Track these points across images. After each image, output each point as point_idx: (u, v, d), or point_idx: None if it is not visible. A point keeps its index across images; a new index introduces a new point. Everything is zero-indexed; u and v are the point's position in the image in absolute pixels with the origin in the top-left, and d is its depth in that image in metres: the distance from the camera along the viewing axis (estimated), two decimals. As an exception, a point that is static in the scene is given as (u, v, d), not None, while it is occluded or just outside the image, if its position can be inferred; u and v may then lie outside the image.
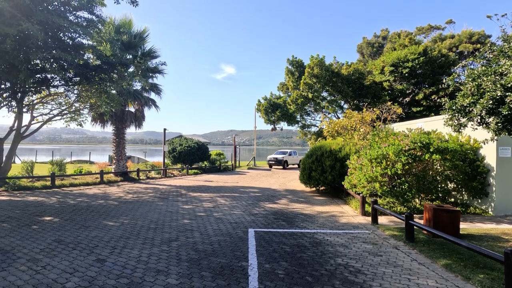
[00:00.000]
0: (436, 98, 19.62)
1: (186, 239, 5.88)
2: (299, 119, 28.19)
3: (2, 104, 11.62)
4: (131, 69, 16.04)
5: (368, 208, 8.51)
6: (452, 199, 9.75)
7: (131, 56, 16.22)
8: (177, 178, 18.34)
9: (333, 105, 25.27)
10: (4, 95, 11.69)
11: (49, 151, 53.28)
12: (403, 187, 8.16)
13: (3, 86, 11.53)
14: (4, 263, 4.46)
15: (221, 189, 13.38)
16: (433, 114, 19.63)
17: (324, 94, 24.99)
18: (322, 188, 13.03)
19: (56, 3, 8.98)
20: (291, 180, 18.04)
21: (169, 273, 4.26)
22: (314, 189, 13.51)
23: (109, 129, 17.55)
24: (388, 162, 8.30)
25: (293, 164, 29.67)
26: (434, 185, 8.47)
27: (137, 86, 17.67)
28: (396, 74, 22.49)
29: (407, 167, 8.13)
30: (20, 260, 4.59)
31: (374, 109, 15.13)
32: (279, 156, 28.84)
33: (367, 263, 4.78)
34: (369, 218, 7.86)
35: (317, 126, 27.68)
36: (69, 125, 15.14)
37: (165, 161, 20.77)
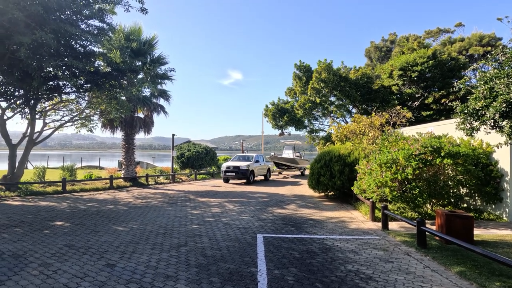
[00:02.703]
0: (447, 102, 19.34)
1: (195, 244, 5.87)
2: (307, 124, 28.11)
3: (15, 111, 11.88)
4: (140, 76, 16.25)
5: (378, 214, 8.39)
6: (465, 205, 9.55)
7: (140, 63, 16.46)
8: (186, 183, 18.41)
9: (341, 109, 25.14)
10: (18, 102, 11.97)
11: (60, 156, 54.23)
12: (414, 192, 8.02)
13: (16, 93, 11.82)
14: (17, 267, 4.52)
15: (229, 194, 13.37)
16: (443, 118, 19.34)
17: (332, 98, 24.90)
18: (331, 193, 12.91)
19: (68, 12, 9.20)
20: (300, 185, 17.93)
21: (178, 278, 4.26)
22: (322, 194, 13.39)
23: (119, 134, 17.78)
24: (398, 167, 8.19)
25: (261, 175, 20.95)
26: (446, 190, 8.31)
27: (146, 92, 17.90)
28: (405, 78, 22.29)
29: (417, 171, 8.00)
30: (32, 264, 4.65)
31: (383, 113, 15.00)
32: (242, 164, 18.41)
33: (378, 270, 4.69)
34: (379, 224, 7.74)
35: (325, 131, 27.55)
36: (79, 131, 15.40)
37: (174, 166, 20.89)
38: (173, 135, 20.80)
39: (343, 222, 8.26)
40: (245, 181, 18.66)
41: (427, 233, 5.83)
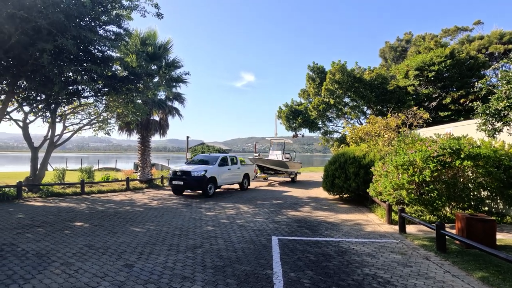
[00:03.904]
0: (467, 102, 18.81)
1: (210, 246, 5.92)
2: (320, 126, 27.89)
3: (37, 115, 12.31)
4: (156, 79, 16.56)
5: (395, 217, 8.23)
6: (486, 208, 9.24)
7: (155, 67, 16.77)
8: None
9: (355, 110, 24.84)
10: (40, 106, 12.40)
11: (78, 158, 55.76)
12: (432, 194, 7.84)
13: (38, 98, 12.26)
14: (40, 266, 4.68)
15: (243, 196, 13.41)
16: (462, 118, 18.81)
17: (346, 100, 24.64)
18: (346, 195, 12.75)
19: (87, 18, 9.50)
20: (315, 187, 17.79)
21: (195, 279, 4.30)
22: (337, 196, 13.25)
23: (135, 137, 18.14)
24: (416, 169, 8.02)
25: (233, 183, 15.50)
26: (466, 193, 8.07)
27: (162, 95, 18.19)
28: (421, 78, 21.82)
29: (436, 174, 7.81)
30: (55, 263, 4.80)
31: (399, 114, 14.71)
32: (196, 169, 13.08)
33: (396, 274, 4.60)
34: (396, 227, 7.59)
35: (340, 133, 27.27)
36: (97, 134, 15.79)
37: (188, 168, 21.07)
38: (188, 137, 21.06)
39: (358, 224, 8.15)
40: (198, 192, 13.77)
41: (446, 237, 5.68)
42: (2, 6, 6.68)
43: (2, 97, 11.55)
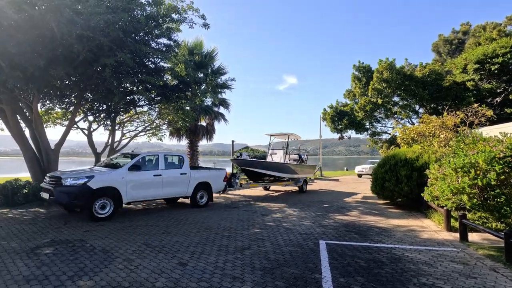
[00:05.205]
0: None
1: (258, 248, 6.02)
2: (368, 127, 26.82)
3: (100, 124, 13.60)
4: (202, 86, 17.33)
5: (455, 223, 7.61)
6: None
7: (202, 75, 17.58)
8: (245, 188, 18.87)
9: (406, 110, 23.47)
10: (102, 115, 13.71)
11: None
12: (498, 200, 7.10)
13: (101, 108, 13.56)
14: (106, 261, 5.16)
15: (288, 199, 13.38)
16: (534, 115, 16.77)
17: (396, 99, 23.41)
18: (398, 199, 12.08)
19: (142, 33, 10.32)
20: (362, 190, 17.12)
21: (245, 280, 4.42)
22: (388, 200, 12.60)
23: (184, 142, 19.16)
24: (478, 172, 7.34)
25: (169, 197, 10.32)
26: (541, 199, 7.18)
27: (208, 101, 18.98)
28: (482, 72, 19.93)
29: (502, 177, 7.06)
30: (118, 259, 5.26)
31: (457, 112, 13.60)
32: (71, 176, 8.16)
33: (458, 286, 4.27)
34: (456, 235, 7.02)
35: (389, 134, 25.93)
36: (150, 140, 16.97)
37: (233, 171, 21.62)
38: (233, 141, 21.55)
39: (413, 231, 7.69)
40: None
41: (517, 247, 5.12)
42: (73, 28, 7.58)
43: (71, 108, 12.98)
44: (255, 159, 14.07)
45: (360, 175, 27.42)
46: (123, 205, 8.91)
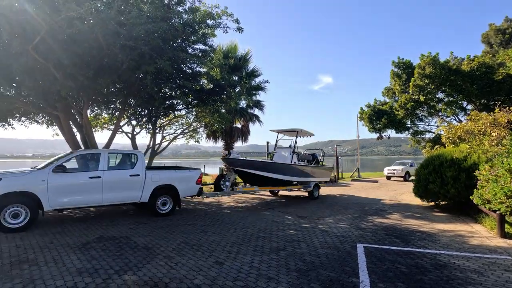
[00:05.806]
0: None
1: (293, 249, 6.00)
2: (409, 126, 25.47)
3: (142, 127, 14.40)
4: (237, 89, 17.65)
5: (510, 229, 6.98)
6: None
7: (237, 77, 17.88)
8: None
9: (452, 107, 21.97)
10: (144, 120, 14.53)
11: (172, 164, 62.56)
12: (562, 204, 6.40)
13: (143, 113, 14.37)
14: (148, 257, 5.46)
15: (324, 201, 13.13)
16: None
17: (440, 95, 21.99)
18: (443, 202, 11.33)
19: (179, 40, 10.78)
20: (403, 193, 16.30)
21: (280, 281, 4.44)
22: (432, 203, 11.87)
23: (220, 144, 19.61)
24: (537, 173, 6.68)
25: (111, 203, 8.40)
26: None
27: (243, 104, 19.26)
28: (542, 63, 18.05)
29: None
30: (159, 256, 5.53)
31: (511, 108, 12.46)
32: None
33: (512, 297, 3.93)
34: (511, 242, 6.44)
35: (433, 132, 24.43)
36: (188, 142, 17.62)
37: (269, 172, 21.66)
38: (267, 142, 21.67)
39: (460, 236, 7.18)
40: None
41: None
42: (117, 39, 8.16)
43: (116, 113, 13.90)
44: (247, 159, 12.33)
45: (389, 177, 25.19)
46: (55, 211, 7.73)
